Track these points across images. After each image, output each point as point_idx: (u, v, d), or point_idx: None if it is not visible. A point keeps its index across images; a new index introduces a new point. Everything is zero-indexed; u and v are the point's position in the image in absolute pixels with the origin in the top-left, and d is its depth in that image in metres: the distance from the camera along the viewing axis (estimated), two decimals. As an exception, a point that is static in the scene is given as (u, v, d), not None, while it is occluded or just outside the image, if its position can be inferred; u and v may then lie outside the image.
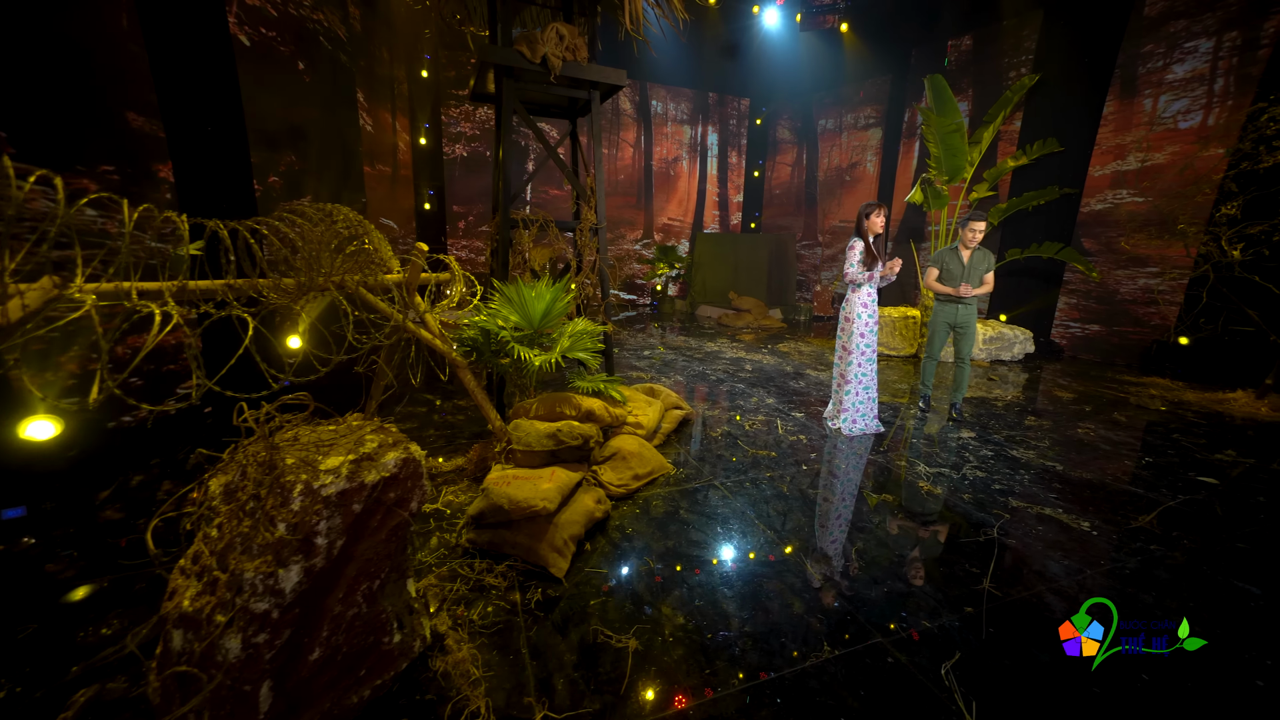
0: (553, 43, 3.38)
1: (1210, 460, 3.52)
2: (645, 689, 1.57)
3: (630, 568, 2.18)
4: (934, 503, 2.84)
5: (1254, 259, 4.70)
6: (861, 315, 3.70)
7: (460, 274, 2.78)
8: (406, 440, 1.47)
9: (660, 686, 1.58)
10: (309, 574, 1.10)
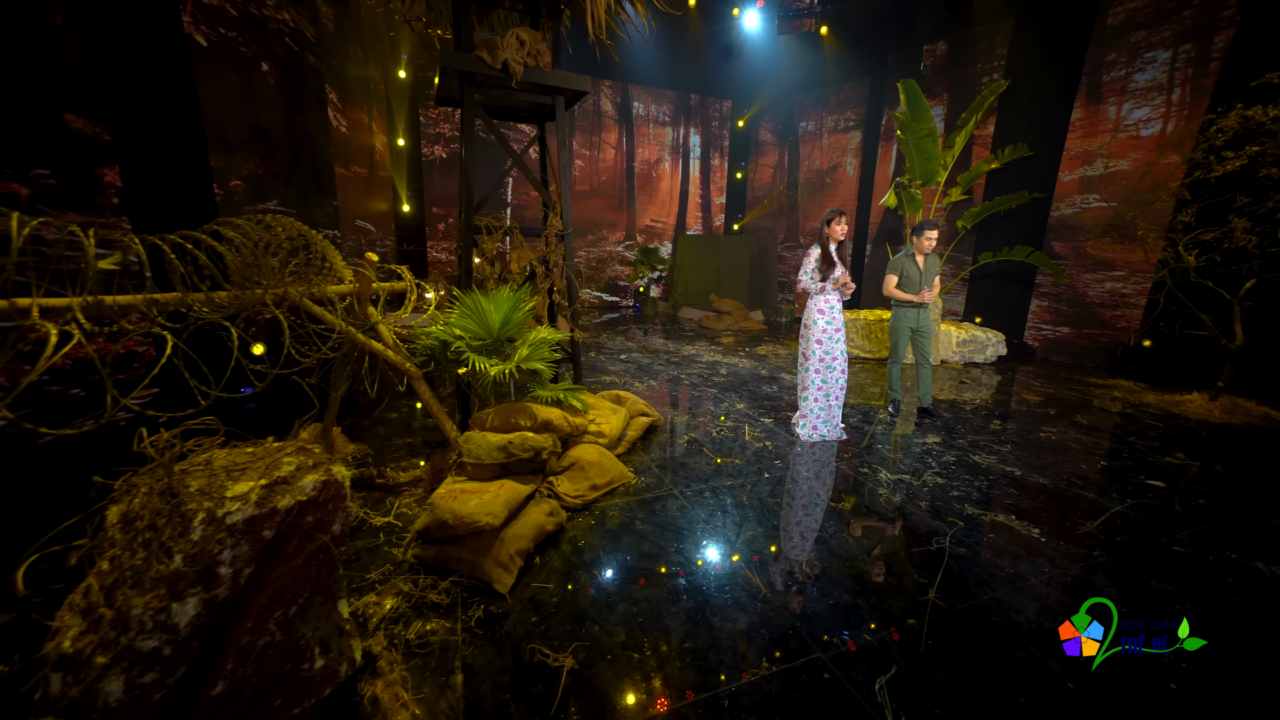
0: (513, 48, 3.35)
1: (1161, 463, 3.60)
2: (574, 711, 1.55)
3: (577, 582, 2.17)
4: (891, 511, 2.86)
5: (1207, 265, 4.81)
6: (818, 321, 3.72)
7: (413, 283, 2.74)
8: (329, 462, 1.44)
9: (590, 708, 1.57)
10: (209, 606, 1.07)
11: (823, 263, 3.65)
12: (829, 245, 3.65)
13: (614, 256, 12.28)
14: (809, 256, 3.69)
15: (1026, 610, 2.07)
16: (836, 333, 3.73)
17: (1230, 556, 2.47)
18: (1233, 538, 2.64)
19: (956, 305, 8.67)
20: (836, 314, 3.71)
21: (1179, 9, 5.77)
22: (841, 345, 3.75)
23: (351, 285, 2.54)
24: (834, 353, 3.73)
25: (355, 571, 2.14)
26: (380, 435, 3.75)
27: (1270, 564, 2.40)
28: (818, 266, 3.66)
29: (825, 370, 3.73)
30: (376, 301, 2.85)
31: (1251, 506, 2.99)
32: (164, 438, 1.20)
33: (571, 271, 3.98)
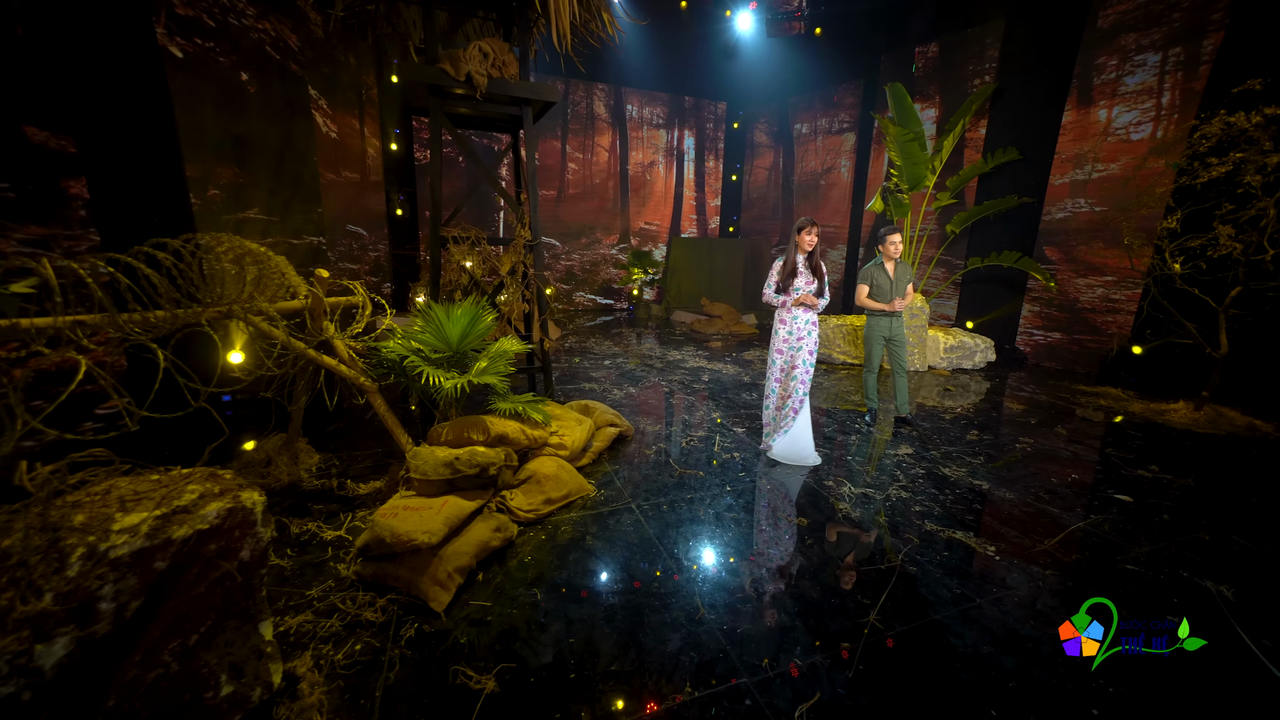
0: (476, 60, 3.35)
1: (1133, 476, 3.54)
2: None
3: (516, 600, 2.17)
4: (847, 527, 2.84)
5: (1193, 272, 4.73)
6: (779, 331, 3.67)
7: (366, 298, 2.75)
8: (239, 489, 1.44)
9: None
10: (85, 644, 1.08)
11: (784, 274, 3.59)
12: (796, 255, 3.59)
13: (608, 259, 12.29)
14: (773, 268, 3.65)
15: (966, 634, 2.04)
16: (799, 342, 3.60)
17: (1181, 575, 2.43)
18: (1188, 555, 2.59)
19: (949, 309, 8.60)
20: (800, 324, 3.60)
21: (1168, 12, 5.68)
22: (804, 357, 3.60)
23: (303, 301, 2.55)
24: (796, 362, 3.63)
25: (296, 588, 2.15)
26: (349, 445, 3.77)
27: (1219, 583, 2.36)
28: (780, 278, 3.60)
29: (785, 380, 3.67)
30: (333, 316, 2.86)
31: (1214, 522, 2.94)
32: (42, 473, 1.21)
33: (539, 281, 3.98)
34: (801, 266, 3.54)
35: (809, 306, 3.55)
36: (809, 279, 3.54)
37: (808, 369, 3.60)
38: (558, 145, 11.41)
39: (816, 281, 3.55)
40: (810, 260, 3.56)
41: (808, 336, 3.60)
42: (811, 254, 3.55)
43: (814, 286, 3.55)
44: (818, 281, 3.56)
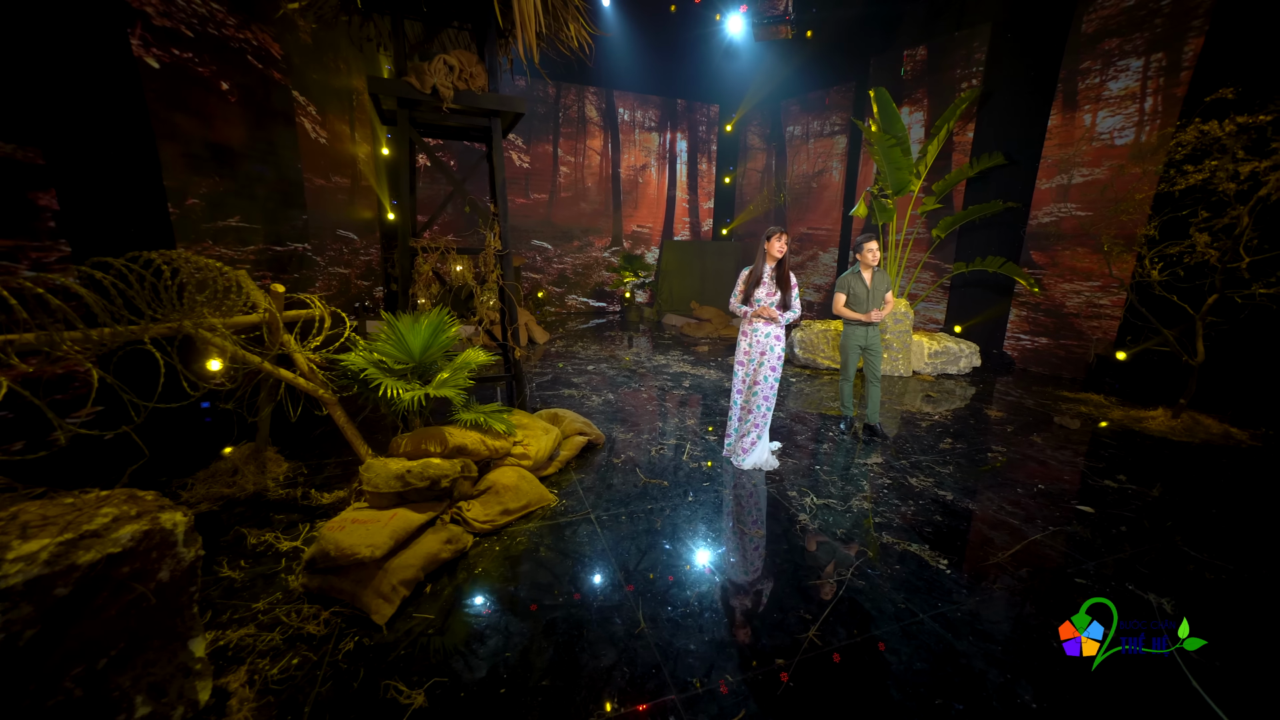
0: (441, 73, 3.38)
1: (1099, 487, 3.54)
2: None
3: (460, 613, 2.19)
4: (803, 540, 2.85)
5: (1171, 279, 4.72)
6: (740, 343, 3.65)
7: (324, 311, 2.78)
8: (159, 510, 1.47)
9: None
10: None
11: (749, 284, 3.55)
12: (764, 265, 3.54)
13: (600, 262, 12.31)
14: (741, 274, 3.62)
15: (903, 651, 2.05)
16: (761, 357, 3.55)
17: (1127, 588, 2.43)
18: (1138, 568, 2.59)
19: (937, 313, 8.59)
20: (760, 337, 3.55)
21: (1150, 17, 5.66)
22: (766, 372, 3.54)
23: (259, 315, 2.58)
24: (755, 377, 3.58)
25: (244, 601, 2.18)
26: (324, 453, 3.80)
27: (1161, 595, 2.37)
28: (745, 287, 3.58)
29: (747, 393, 3.65)
30: (294, 328, 2.89)
31: (1171, 534, 2.94)
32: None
33: (511, 290, 4.00)
34: (767, 276, 3.49)
35: (768, 319, 3.50)
36: (772, 290, 3.50)
37: (771, 385, 3.56)
38: (549, 149, 11.44)
39: (780, 293, 3.50)
40: (778, 270, 3.50)
41: (769, 351, 3.53)
42: (780, 263, 3.49)
43: (776, 298, 3.50)
44: (781, 293, 3.50)
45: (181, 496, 2.97)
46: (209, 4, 4.78)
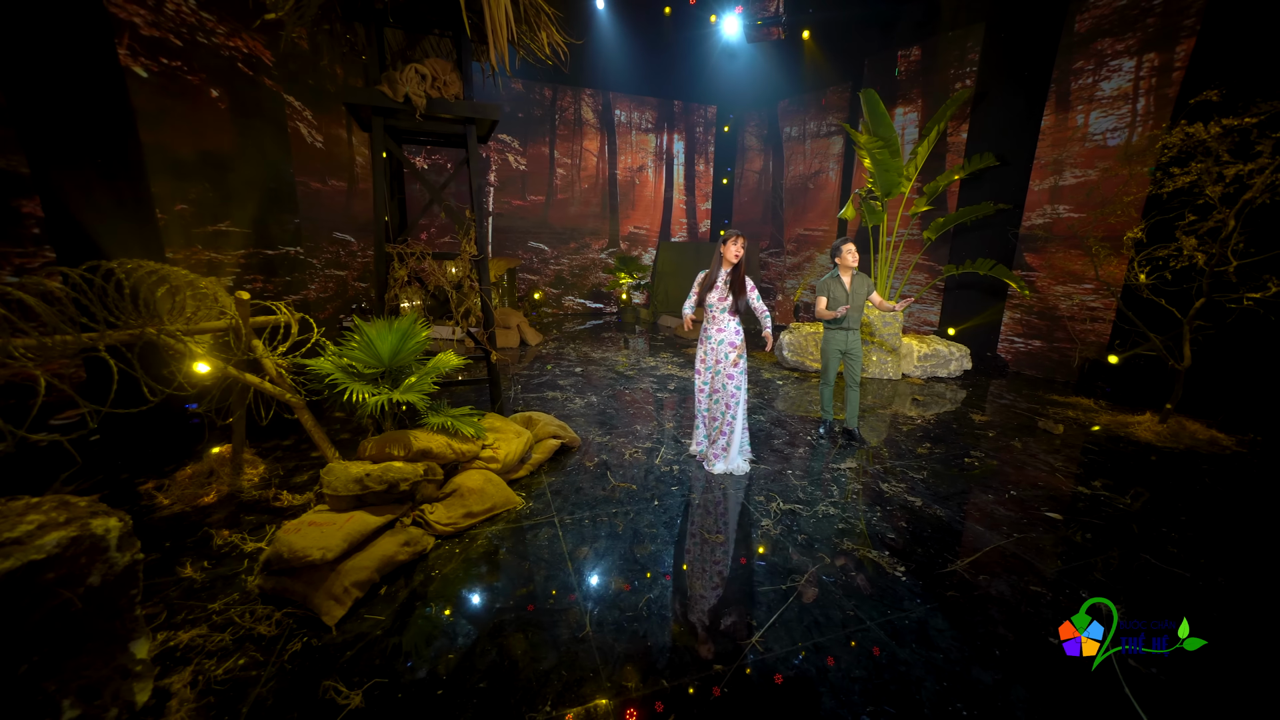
0: (414, 83, 3.43)
1: (1072, 493, 3.51)
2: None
3: (410, 615, 2.23)
4: (762, 545, 2.86)
5: (1158, 283, 4.66)
6: (699, 350, 3.65)
7: (290, 317, 2.83)
8: (90, 516, 1.52)
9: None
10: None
11: (703, 287, 3.51)
12: (719, 269, 3.52)
13: (597, 264, 12.35)
14: (697, 278, 3.60)
15: (843, 658, 2.06)
16: (717, 365, 3.54)
17: (1081, 595, 2.42)
18: (1094, 577, 2.58)
19: (932, 315, 8.53)
20: (715, 343, 3.53)
21: (1142, 17, 5.59)
22: (723, 380, 3.53)
23: (226, 321, 2.64)
24: (715, 385, 3.57)
25: (201, 602, 2.24)
26: (297, 455, 3.86)
27: (1112, 601, 2.35)
28: (700, 291, 3.51)
29: (710, 400, 3.64)
30: (266, 334, 2.95)
31: (1133, 541, 2.91)
32: None
33: (486, 296, 4.04)
34: (721, 280, 3.48)
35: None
36: (724, 294, 3.49)
37: (733, 393, 3.54)
38: (546, 151, 11.50)
39: (733, 297, 3.49)
40: (734, 274, 3.49)
41: (724, 359, 3.53)
42: (736, 267, 3.49)
43: (729, 302, 3.50)
44: (734, 297, 3.49)
45: (157, 498, 3.05)
46: (199, 14, 4.88)
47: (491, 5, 3.40)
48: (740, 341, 3.58)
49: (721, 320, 3.54)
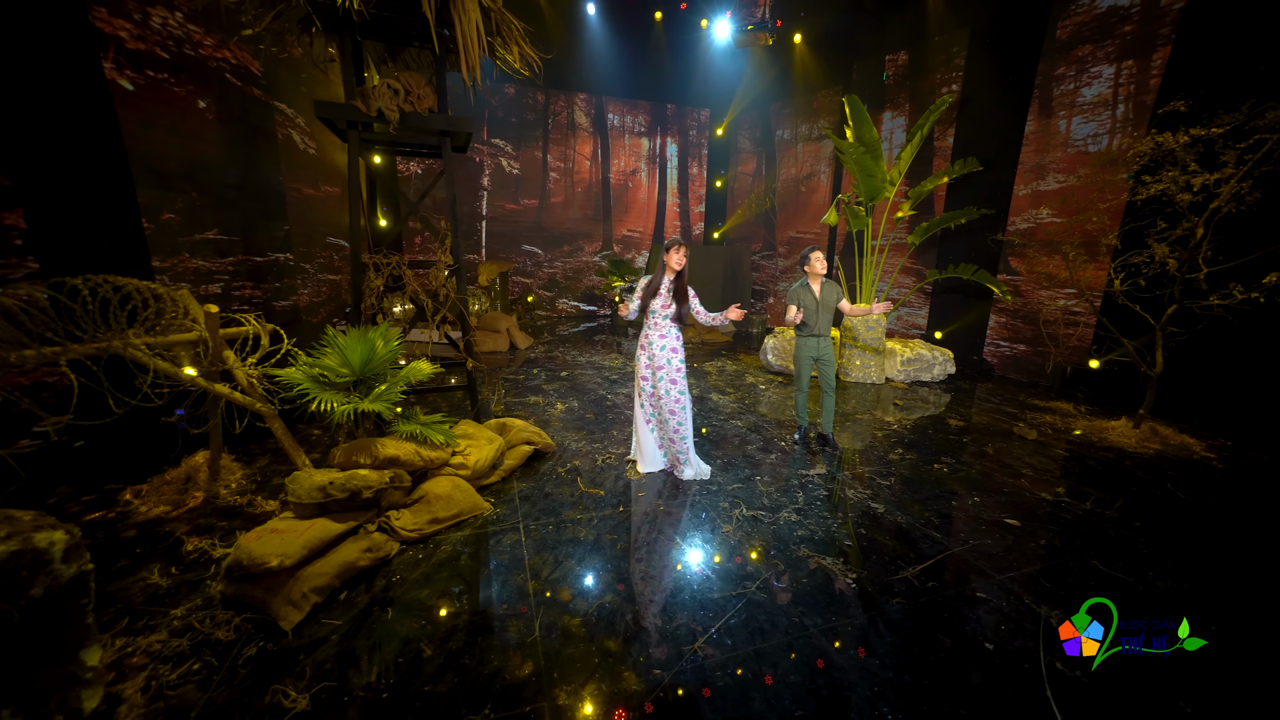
0: (385, 97, 3.50)
1: (1035, 499, 3.55)
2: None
3: (367, 620, 2.30)
4: (719, 551, 2.92)
5: (1132, 289, 4.69)
6: (640, 357, 3.68)
7: (260, 329, 2.91)
8: (34, 530, 1.59)
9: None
10: None
11: (646, 294, 3.54)
12: (663, 276, 3.56)
13: (590, 267, 12.43)
14: (639, 283, 3.65)
15: (782, 664, 2.12)
16: (659, 371, 3.57)
17: (1025, 601, 2.47)
18: (1043, 583, 2.62)
19: (919, 319, 8.56)
20: (657, 350, 3.56)
21: (1120, 24, 5.61)
22: (667, 385, 3.56)
23: (194, 334, 2.73)
24: (659, 391, 3.59)
25: (163, 607, 2.32)
26: (279, 459, 3.94)
27: (1053, 609, 2.40)
28: (643, 297, 3.55)
29: (652, 404, 3.67)
30: (240, 345, 3.03)
31: (1085, 549, 2.95)
32: None
33: (461, 304, 4.12)
34: (665, 288, 3.54)
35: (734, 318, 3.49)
36: (667, 301, 3.54)
37: (676, 398, 3.60)
38: (539, 155, 11.58)
39: (676, 305, 3.54)
40: (677, 282, 3.55)
41: (667, 365, 3.57)
42: (679, 275, 3.55)
43: (671, 310, 3.55)
44: (677, 305, 3.54)
45: (133, 504, 3.13)
46: (185, 26, 4.97)
47: (463, 22, 3.48)
48: (681, 347, 3.65)
49: (664, 326, 3.60)
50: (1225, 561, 2.88)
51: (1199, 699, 1.96)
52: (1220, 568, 2.82)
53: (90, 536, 2.83)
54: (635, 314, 3.62)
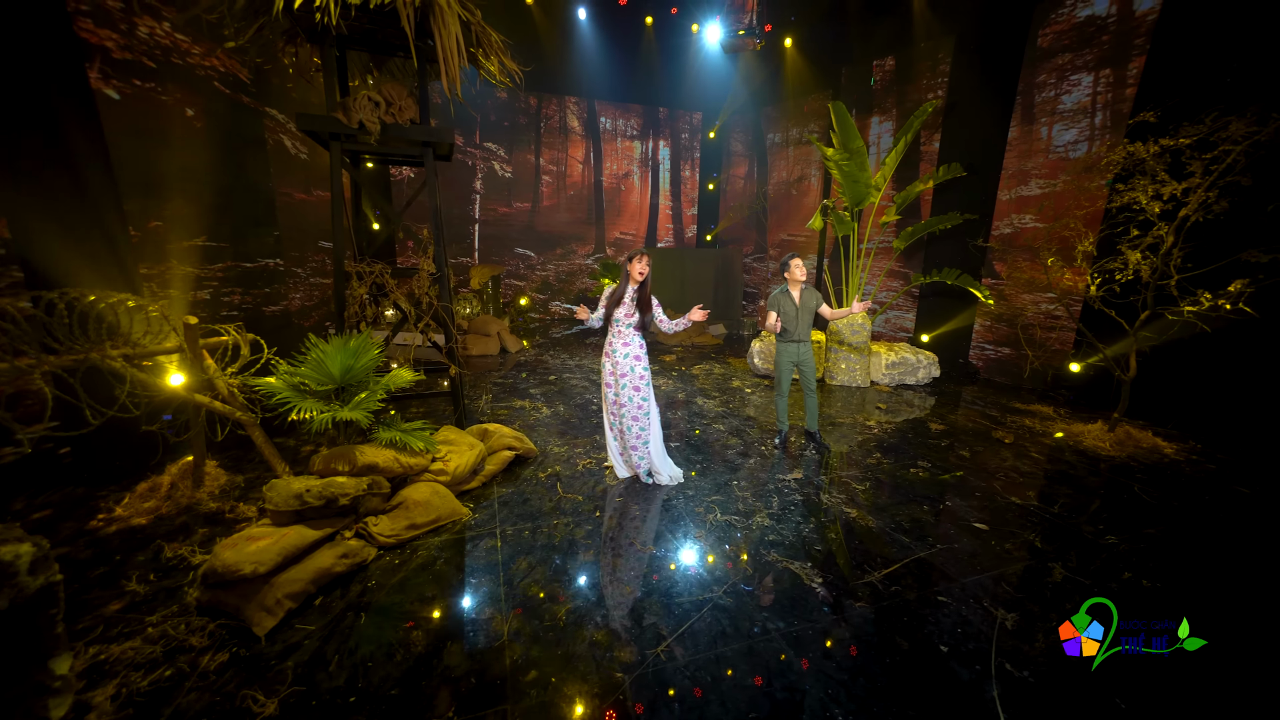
0: (366, 109, 3.56)
1: (1005, 504, 3.62)
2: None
3: (339, 625, 2.36)
4: (691, 556, 2.98)
5: (1109, 295, 4.76)
6: (605, 365, 3.73)
7: (240, 339, 2.97)
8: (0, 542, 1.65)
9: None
10: None
11: (609, 303, 3.61)
12: (626, 286, 3.63)
13: (583, 269, 12.49)
14: (604, 293, 3.71)
15: (740, 667, 2.18)
16: (623, 379, 3.63)
17: (983, 605, 2.53)
18: (1001, 585, 2.69)
19: (907, 322, 8.63)
20: (620, 358, 3.62)
21: (1098, 34, 5.69)
22: (630, 393, 3.62)
23: (171, 344, 2.78)
24: (622, 399, 3.65)
25: (139, 615, 2.37)
26: (264, 466, 3.99)
27: (1010, 612, 2.47)
28: (607, 306, 3.62)
29: (616, 410, 3.73)
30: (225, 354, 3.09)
31: (1046, 552, 3.02)
32: None
33: (445, 313, 4.17)
34: (628, 298, 3.60)
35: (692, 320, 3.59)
36: (630, 310, 3.60)
37: (640, 404, 3.66)
38: (531, 158, 11.64)
39: (639, 314, 3.61)
40: (640, 291, 3.61)
41: (630, 373, 3.63)
42: (642, 285, 3.61)
43: (635, 319, 3.61)
44: (640, 314, 3.61)
45: (115, 511, 3.18)
46: (173, 36, 5.02)
47: (443, 35, 3.54)
48: (645, 355, 3.71)
49: (627, 335, 3.65)
50: (1183, 563, 2.95)
51: (1140, 701, 2.03)
52: (1179, 569, 2.89)
53: (70, 544, 2.88)
54: (599, 322, 3.68)
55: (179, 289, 5.22)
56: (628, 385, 3.64)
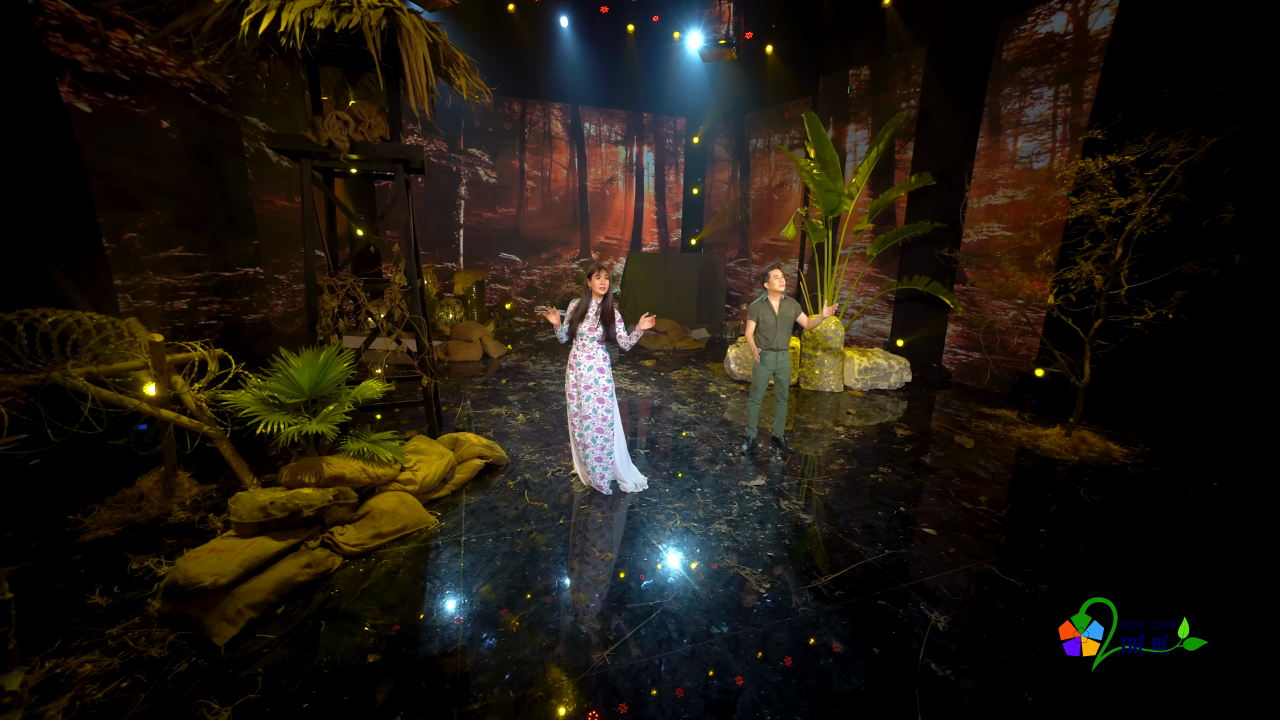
0: (336, 129, 3.64)
1: (956, 508, 3.76)
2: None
3: (300, 633, 2.44)
4: (646, 563, 3.09)
5: (1066, 303, 4.92)
6: (569, 376, 3.81)
7: (207, 355, 3.04)
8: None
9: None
10: None
11: (574, 316, 3.69)
12: (590, 300, 3.70)
13: (568, 274, 12.56)
14: (569, 306, 3.79)
15: (681, 670, 2.28)
16: (587, 390, 3.71)
17: (920, 608, 2.66)
18: (941, 589, 2.82)
19: (883, 326, 8.80)
20: (584, 370, 3.70)
21: (1057, 50, 5.87)
22: (594, 405, 3.70)
23: (137, 361, 2.84)
24: (585, 411, 3.73)
25: (100, 627, 2.44)
26: (231, 478, 4.05)
27: (944, 614, 2.59)
28: (571, 320, 3.70)
29: (579, 423, 3.80)
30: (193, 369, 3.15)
31: (986, 555, 3.15)
32: None
33: (417, 325, 4.25)
34: (592, 312, 3.69)
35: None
36: (594, 324, 3.69)
37: (602, 416, 3.73)
38: (516, 164, 11.70)
39: (603, 327, 3.70)
40: (603, 305, 3.70)
41: (594, 385, 3.72)
42: (605, 299, 3.70)
43: (599, 332, 3.70)
44: (604, 327, 3.69)
45: (83, 523, 3.24)
46: (147, 49, 5.06)
47: (410, 55, 3.62)
48: (609, 368, 3.81)
49: (591, 348, 3.74)
50: (1117, 562, 3.10)
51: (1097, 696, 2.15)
52: (1112, 568, 3.03)
53: (35, 557, 2.94)
54: (565, 337, 3.77)
55: (154, 300, 5.26)
56: (591, 397, 3.73)
